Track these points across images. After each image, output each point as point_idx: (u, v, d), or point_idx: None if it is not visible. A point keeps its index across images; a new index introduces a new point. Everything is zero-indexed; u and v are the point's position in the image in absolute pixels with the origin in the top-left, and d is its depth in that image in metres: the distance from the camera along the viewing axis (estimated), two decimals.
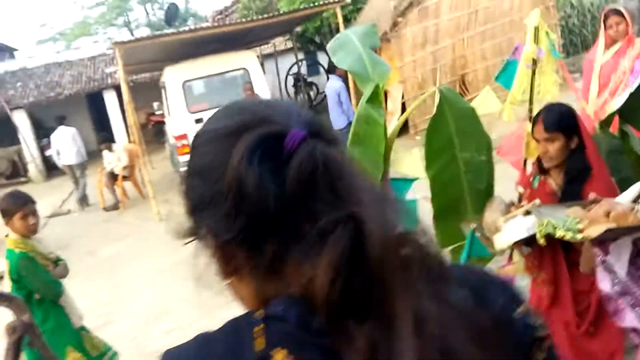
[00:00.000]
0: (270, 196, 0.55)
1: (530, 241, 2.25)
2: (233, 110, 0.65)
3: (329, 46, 3.19)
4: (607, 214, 1.53)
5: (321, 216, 0.55)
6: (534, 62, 2.70)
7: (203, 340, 0.61)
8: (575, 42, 11.91)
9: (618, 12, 3.90)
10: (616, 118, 3.13)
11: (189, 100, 8.33)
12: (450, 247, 2.96)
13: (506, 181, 2.95)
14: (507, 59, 2.99)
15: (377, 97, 2.87)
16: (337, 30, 10.92)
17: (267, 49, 13.57)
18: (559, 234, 1.61)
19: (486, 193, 2.79)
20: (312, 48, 12.64)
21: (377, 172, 2.79)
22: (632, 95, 3.05)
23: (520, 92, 2.78)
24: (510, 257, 3.17)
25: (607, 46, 3.99)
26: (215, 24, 12.15)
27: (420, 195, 2.87)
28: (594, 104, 3.97)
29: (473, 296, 0.60)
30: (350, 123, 5.26)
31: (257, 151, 0.56)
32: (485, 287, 0.64)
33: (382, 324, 0.51)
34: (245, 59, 8.68)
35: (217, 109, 0.68)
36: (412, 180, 2.92)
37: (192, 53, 8.49)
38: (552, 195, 2.41)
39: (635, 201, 1.69)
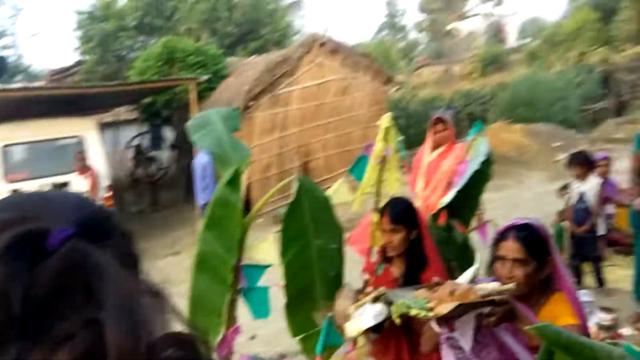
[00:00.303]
0: (16, 299, 0.55)
1: (377, 328, 2.37)
2: (0, 206, 0.65)
3: (189, 123, 3.13)
4: (452, 293, 1.66)
5: (69, 319, 0.55)
6: (383, 159, 2.95)
7: None
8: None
9: (443, 120, 4.49)
10: (444, 212, 3.52)
11: (7, 167, 7.39)
12: (301, 335, 2.94)
13: (354, 269, 3.07)
14: (360, 155, 3.22)
15: (236, 181, 2.85)
16: (187, 106, 10.88)
17: (108, 116, 12.89)
18: (413, 312, 1.71)
19: (336, 280, 2.86)
20: (159, 121, 12.34)
21: (231, 258, 2.71)
22: (457, 193, 3.48)
23: (369, 185, 2.99)
24: (354, 343, 3.25)
25: (433, 148, 4.53)
26: (52, 84, 11.27)
27: (272, 283, 2.83)
28: (420, 198, 4.42)
29: None
30: None
31: (10, 250, 0.56)
32: None
33: None
34: (81, 126, 8.01)
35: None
36: (265, 267, 2.89)
37: (19, 114, 7.61)
38: (394, 282, 2.58)
39: (471, 282, 1.88)
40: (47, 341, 0.55)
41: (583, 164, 5.06)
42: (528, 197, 8.67)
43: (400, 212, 2.56)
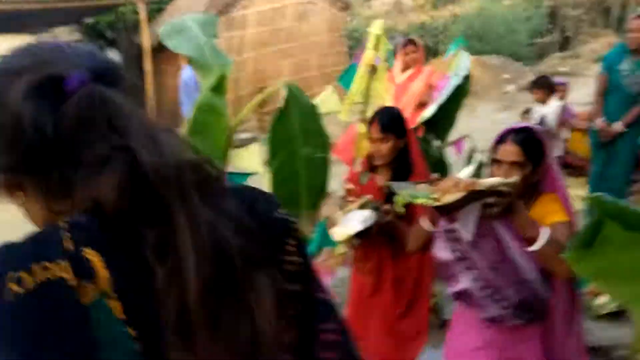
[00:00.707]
0: (47, 129, 0.63)
1: (363, 234, 2.38)
2: (19, 52, 0.71)
3: (162, 29, 2.92)
4: (456, 185, 1.66)
5: (97, 147, 0.64)
6: (373, 67, 2.87)
7: (7, 245, 0.63)
8: None
9: (414, 42, 4.43)
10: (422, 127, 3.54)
11: None
12: None
13: (338, 178, 3.06)
14: (351, 63, 3.13)
15: (222, 87, 2.71)
16: (135, 28, 10.19)
17: (46, 37, 11.90)
18: (419, 201, 1.69)
19: (322, 190, 2.84)
20: (103, 44, 11.52)
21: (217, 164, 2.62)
22: (437, 109, 3.49)
23: (357, 94, 2.92)
24: (332, 252, 3.30)
25: (402, 70, 4.49)
26: None
27: None
28: None
29: (246, 206, 0.73)
30: None
31: (35, 90, 0.63)
32: (256, 198, 0.78)
33: (167, 228, 0.63)
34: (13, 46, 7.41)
35: None
36: (247, 175, 2.83)
37: None
38: (379, 191, 2.57)
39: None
40: (87, 165, 0.63)
41: (545, 87, 5.19)
42: (481, 125, 8.88)
43: (390, 120, 2.51)
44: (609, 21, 16.17)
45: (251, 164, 2.80)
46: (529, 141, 1.87)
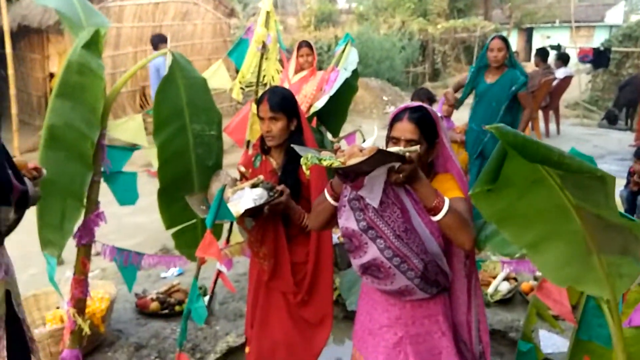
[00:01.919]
0: None
1: (255, 213, 2.25)
2: None
3: None
4: (361, 150, 1.61)
5: None
6: (264, 46, 2.76)
7: None
8: None
9: (308, 45, 4.46)
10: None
11: None
12: (175, 228, 2.67)
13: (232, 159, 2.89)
14: (240, 37, 2.98)
15: (97, 45, 2.42)
16: None
17: None
18: (325, 162, 1.60)
19: (214, 169, 2.66)
20: None
21: (93, 133, 2.32)
22: (328, 101, 3.48)
23: (249, 72, 2.79)
24: (228, 240, 3.10)
25: (296, 72, 4.49)
26: None
27: (141, 167, 2.51)
28: None
29: None
30: None
31: None
32: None
33: None
34: None
35: None
36: (131, 149, 2.54)
37: None
38: (272, 174, 2.47)
39: None
40: None
41: (423, 98, 5.47)
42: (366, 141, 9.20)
43: (279, 99, 2.37)
44: (472, 57, 17.86)
45: (134, 136, 2.52)
46: (423, 120, 1.88)
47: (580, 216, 1.24)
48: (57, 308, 3.03)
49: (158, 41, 6.98)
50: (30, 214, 1.82)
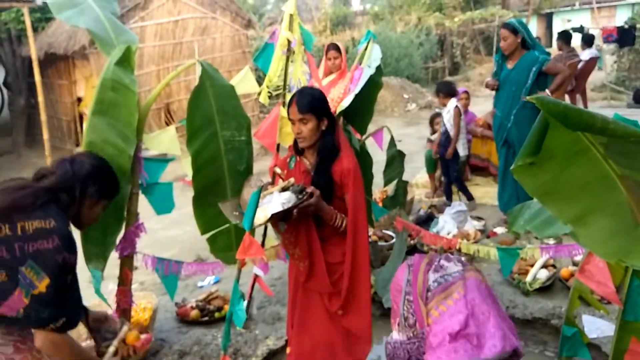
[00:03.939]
0: None
1: (284, 216, 2.26)
2: None
3: (51, 2, 2.67)
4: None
5: None
6: (288, 49, 2.79)
7: None
8: None
9: (336, 48, 4.46)
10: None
11: None
12: (210, 233, 2.72)
13: (262, 163, 2.92)
14: (265, 42, 3.01)
15: (129, 62, 2.49)
16: (19, 39, 9.41)
17: None
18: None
19: (245, 174, 2.70)
20: None
21: (129, 147, 2.38)
22: (353, 100, 3.48)
23: (276, 76, 2.82)
24: (262, 244, 3.13)
25: (325, 74, 4.49)
26: None
27: (174, 179, 2.57)
28: None
29: None
30: None
31: None
32: None
33: None
34: None
35: None
36: (167, 160, 2.60)
37: None
38: (306, 174, 2.49)
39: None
40: None
41: (445, 91, 5.44)
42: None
43: (308, 100, 2.38)
44: (492, 48, 17.62)
45: (168, 146, 2.58)
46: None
47: (625, 186, 1.22)
48: None
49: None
50: (74, 231, 1.89)
